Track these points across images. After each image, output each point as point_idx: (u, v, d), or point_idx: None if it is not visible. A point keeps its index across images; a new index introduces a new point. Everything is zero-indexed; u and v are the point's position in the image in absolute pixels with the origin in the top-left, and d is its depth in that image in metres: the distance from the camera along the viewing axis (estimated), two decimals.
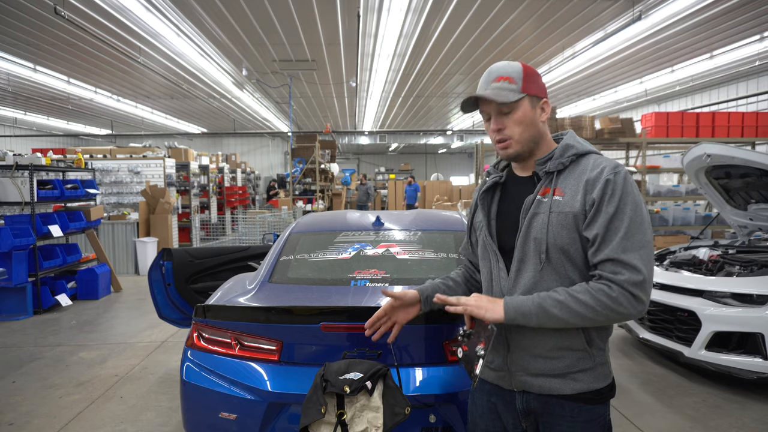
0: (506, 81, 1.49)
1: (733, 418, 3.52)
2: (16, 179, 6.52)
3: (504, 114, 1.50)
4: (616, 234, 1.36)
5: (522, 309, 1.41)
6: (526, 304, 1.41)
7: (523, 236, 1.49)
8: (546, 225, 1.44)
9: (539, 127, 1.53)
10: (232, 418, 2.14)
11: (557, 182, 1.48)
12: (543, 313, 1.39)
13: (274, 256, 2.94)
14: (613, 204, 1.38)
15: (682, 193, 8.86)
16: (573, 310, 1.37)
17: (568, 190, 1.45)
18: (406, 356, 2.17)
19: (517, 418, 1.54)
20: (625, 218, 1.37)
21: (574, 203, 1.43)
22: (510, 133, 1.50)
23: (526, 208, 1.50)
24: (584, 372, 1.47)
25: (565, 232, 1.43)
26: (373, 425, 1.76)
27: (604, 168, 1.43)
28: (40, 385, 4.18)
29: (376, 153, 30.18)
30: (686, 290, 4.24)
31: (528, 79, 1.50)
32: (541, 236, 1.45)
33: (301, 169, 12.25)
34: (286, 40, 9.67)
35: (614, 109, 16.75)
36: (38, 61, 10.82)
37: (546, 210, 1.46)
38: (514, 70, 1.50)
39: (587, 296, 1.37)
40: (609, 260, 1.37)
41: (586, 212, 1.42)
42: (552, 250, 1.44)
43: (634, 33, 8.85)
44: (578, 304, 1.37)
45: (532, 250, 1.47)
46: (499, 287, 1.55)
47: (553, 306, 1.38)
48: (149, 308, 6.40)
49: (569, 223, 1.43)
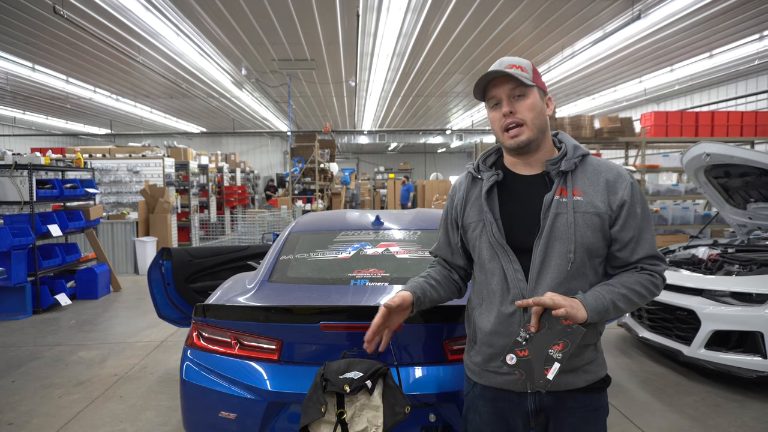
0: (519, 69, 1.49)
1: (733, 417, 3.52)
2: (15, 178, 6.51)
3: (516, 98, 1.50)
4: (646, 233, 1.50)
5: (598, 308, 1.42)
6: (601, 303, 1.42)
7: (546, 237, 1.47)
8: (572, 225, 1.45)
9: (546, 119, 1.54)
10: (232, 417, 2.14)
11: (574, 182, 1.49)
12: (614, 309, 1.44)
13: (273, 255, 2.94)
14: (640, 206, 1.50)
15: (681, 192, 8.86)
16: (632, 302, 1.47)
17: (587, 190, 1.48)
18: (406, 355, 2.17)
19: (527, 418, 1.53)
20: (648, 219, 1.52)
21: (597, 203, 1.47)
22: (523, 117, 1.49)
23: (546, 208, 1.48)
24: (591, 363, 1.53)
25: (590, 232, 1.46)
26: (373, 424, 1.76)
27: (620, 171, 1.52)
28: (39, 385, 4.18)
29: (375, 152, 30.18)
30: (685, 289, 4.24)
31: (536, 73, 1.54)
32: (568, 236, 1.45)
33: (301, 168, 12.24)
34: (286, 39, 9.66)
35: (613, 108, 16.76)
36: (37, 60, 10.80)
37: (569, 210, 1.46)
38: (525, 63, 1.53)
39: (642, 288, 1.47)
40: (649, 257, 1.50)
41: (612, 212, 1.48)
42: (579, 249, 1.46)
43: (634, 32, 8.84)
44: (636, 295, 1.47)
45: (556, 251, 1.46)
46: (518, 289, 1.50)
47: (620, 301, 1.45)
48: (149, 308, 6.39)
49: (595, 224, 1.46)
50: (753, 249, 4.87)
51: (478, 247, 1.59)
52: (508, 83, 1.50)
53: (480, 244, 1.58)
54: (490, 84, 1.52)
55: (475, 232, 1.60)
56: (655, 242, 1.51)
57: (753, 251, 4.79)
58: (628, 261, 1.51)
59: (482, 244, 1.57)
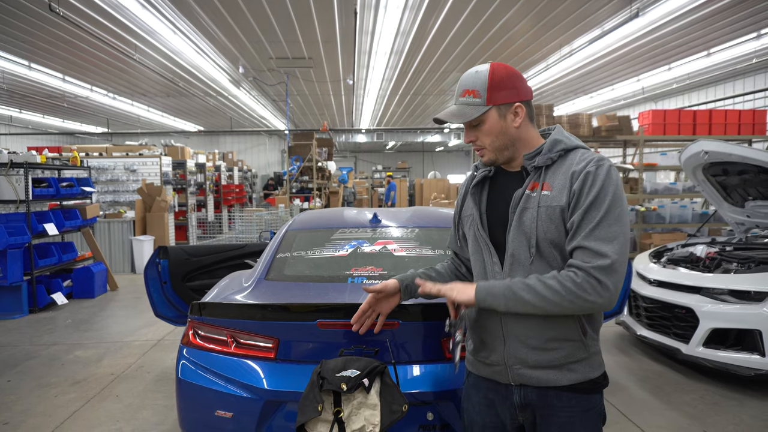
0: (471, 95, 1.52)
1: (731, 415, 3.52)
2: (10, 177, 6.48)
3: (473, 126, 1.56)
4: (589, 223, 1.38)
5: (492, 290, 1.45)
6: (496, 286, 1.45)
7: (513, 230, 1.51)
8: (535, 219, 1.46)
9: (511, 134, 1.54)
10: (228, 416, 2.12)
11: (545, 177, 1.50)
12: (512, 295, 1.42)
13: (270, 253, 2.92)
14: (592, 195, 1.40)
15: (679, 191, 8.88)
16: (540, 295, 1.39)
17: (556, 185, 1.47)
18: (404, 353, 2.15)
19: (515, 412, 1.54)
20: (602, 209, 1.38)
21: (561, 197, 1.45)
22: (482, 143, 1.56)
23: (515, 203, 1.52)
24: (580, 362, 1.49)
25: (553, 227, 1.45)
26: (371, 423, 1.75)
27: (589, 161, 1.45)
28: (35, 384, 4.16)
29: (373, 151, 30.18)
30: (684, 287, 4.24)
31: (494, 88, 1.49)
32: (531, 231, 1.47)
33: (298, 167, 12.22)
34: (283, 37, 9.64)
35: (611, 107, 16.77)
36: (33, 58, 10.75)
37: (535, 205, 1.47)
38: (479, 82, 1.51)
39: (554, 282, 1.39)
40: (579, 248, 1.39)
41: (570, 204, 1.44)
42: (543, 244, 1.47)
43: (631, 30, 8.84)
44: (546, 288, 1.39)
45: (522, 245, 1.49)
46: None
47: (521, 289, 1.41)
48: (145, 307, 6.37)
49: (557, 217, 1.45)
50: (751, 247, 4.87)
51: (469, 240, 1.68)
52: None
53: (470, 237, 1.66)
54: None
55: (467, 225, 1.68)
56: (601, 236, 1.36)
57: (751, 249, 4.79)
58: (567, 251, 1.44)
59: (470, 237, 1.66)
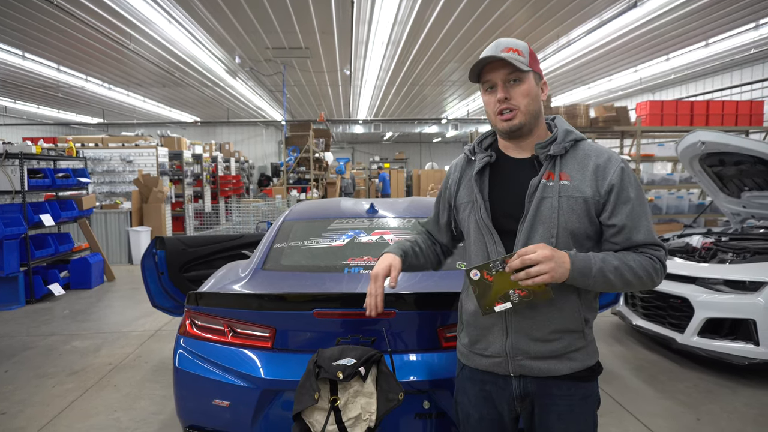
0: (516, 53, 1.48)
1: (724, 403, 3.55)
2: (6, 168, 6.44)
3: (512, 83, 1.49)
4: (642, 219, 1.47)
5: (584, 272, 1.40)
6: (588, 269, 1.40)
7: (530, 220, 1.47)
8: (556, 209, 1.45)
9: (540, 105, 1.54)
10: (226, 405, 2.13)
11: (562, 166, 1.49)
12: (601, 277, 1.41)
13: (267, 243, 2.92)
14: (633, 191, 1.47)
15: (676, 182, 8.89)
16: (624, 278, 1.42)
17: (575, 175, 1.47)
18: (400, 342, 2.16)
19: (513, 403, 1.54)
20: (643, 204, 1.48)
21: (584, 188, 1.46)
22: (517, 103, 1.49)
23: (532, 192, 1.48)
24: (578, 351, 1.51)
25: (575, 217, 1.46)
26: (367, 411, 1.75)
27: (611, 156, 1.50)
28: (33, 374, 4.16)
29: (370, 142, 30.09)
30: (679, 277, 4.25)
31: (533, 57, 1.53)
32: (552, 220, 1.45)
33: (295, 157, 12.18)
34: (279, 27, 9.57)
35: (609, 97, 16.73)
36: (27, 48, 10.64)
37: (555, 194, 1.46)
38: (522, 45, 1.51)
39: (639, 267, 1.43)
40: (648, 243, 1.47)
41: (600, 197, 1.46)
42: (562, 234, 1.45)
43: (629, 20, 8.79)
44: (631, 272, 1.43)
45: (539, 235, 1.47)
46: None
47: (610, 272, 1.41)
48: (143, 297, 6.36)
49: (580, 208, 1.46)
50: (746, 237, 4.89)
51: (467, 227, 1.63)
52: (504, 68, 1.48)
53: (469, 224, 1.61)
54: (486, 68, 1.51)
55: (465, 212, 1.63)
56: (652, 228, 1.48)
57: (746, 240, 4.80)
58: (624, 246, 1.48)
59: (471, 225, 1.60)
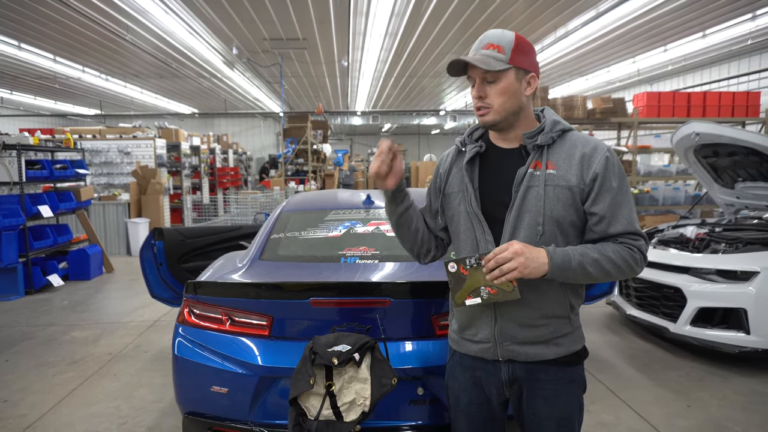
0: (495, 50, 1.48)
1: (715, 391, 3.61)
2: (3, 159, 6.45)
3: (488, 82, 1.50)
4: (623, 207, 1.49)
5: (563, 266, 1.42)
6: (568, 264, 1.42)
7: (516, 208, 1.51)
8: (542, 198, 1.47)
9: (521, 101, 1.52)
10: (224, 391, 2.18)
11: (548, 156, 1.51)
12: (581, 270, 1.44)
13: (264, 234, 2.96)
14: (616, 180, 1.49)
15: (673, 173, 8.92)
16: (604, 269, 1.46)
17: (561, 164, 1.50)
18: (395, 330, 2.20)
19: (501, 388, 1.58)
20: (626, 193, 1.51)
21: (570, 177, 1.48)
22: (491, 101, 1.51)
23: (519, 181, 1.51)
24: (565, 336, 1.55)
25: (560, 205, 1.48)
26: (361, 396, 1.80)
27: (597, 145, 1.52)
28: (33, 363, 4.21)
29: (368, 134, 29.99)
30: (673, 267, 4.30)
31: (518, 50, 1.49)
32: (537, 209, 1.48)
33: (293, 149, 12.17)
34: (277, 18, 9.52)
35: (606, 89, 16.71)
36: (23, 38, 10.58)
37: (540, 183, 1.48)
38: (505, 40, 1.49)
39: (618, 257, 1.46)
40: (627, 232, 1.48)
41: (585, 186, 1.48)
42: (548, 222, 1.48)
43: (627, 11, 8.77)
44: (609, 263, 1.46)
45: (525, 223, 1.50)
46: None
47: (589, 264, 1.44)
48: (141, 288, 6.38)
49: (565, 196, 1.48)
50: (740, 228, 4.93)
51: (457, 216, 1.64)
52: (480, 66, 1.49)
53: (458, 213, 1.63)
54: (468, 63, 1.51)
55: (455, 201, 1.64)
56: (634, 218, 1.49)
57: (740, 230, 4.84)
58: (604, 235, 1.50)
59: (460, 214, 1.62)
